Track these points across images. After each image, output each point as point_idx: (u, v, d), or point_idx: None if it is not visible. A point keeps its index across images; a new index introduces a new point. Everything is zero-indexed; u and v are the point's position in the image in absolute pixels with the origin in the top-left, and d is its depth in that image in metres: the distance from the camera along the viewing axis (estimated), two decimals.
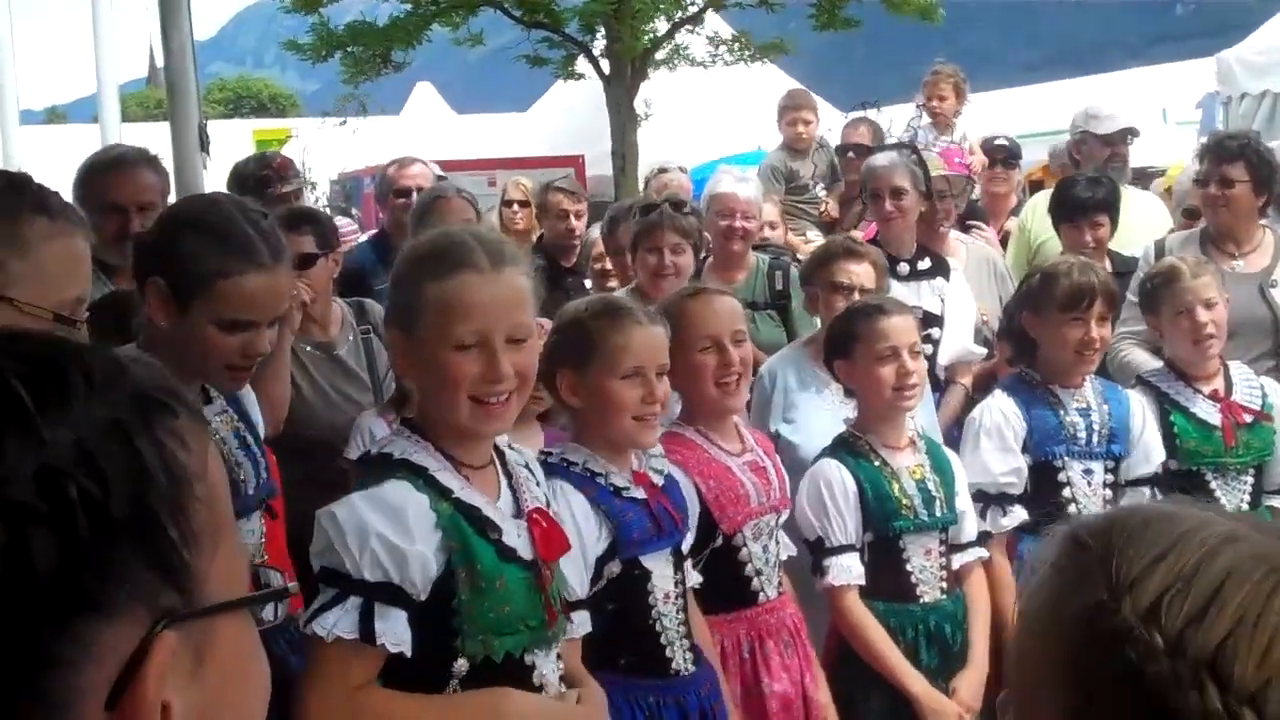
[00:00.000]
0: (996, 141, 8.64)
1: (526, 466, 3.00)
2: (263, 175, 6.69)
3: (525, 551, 2.78)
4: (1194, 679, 1.08)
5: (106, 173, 4.75)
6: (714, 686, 3.58)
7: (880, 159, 6.30)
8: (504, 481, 2.87)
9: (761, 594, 3.95)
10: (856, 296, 5.03)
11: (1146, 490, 4.91)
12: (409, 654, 2.62)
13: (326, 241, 5.21)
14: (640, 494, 3.42)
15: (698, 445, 3.93)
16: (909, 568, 4.32)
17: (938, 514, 4.37)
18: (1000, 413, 4.87)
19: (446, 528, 2.67)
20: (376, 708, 2.65)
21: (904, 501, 4.31)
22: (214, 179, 6.66)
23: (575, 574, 3.12)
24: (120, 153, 5.07)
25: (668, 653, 3.47)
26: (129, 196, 4.60)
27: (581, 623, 3.11)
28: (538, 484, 3.00)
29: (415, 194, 6.70)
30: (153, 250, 3.14)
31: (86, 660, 0.86)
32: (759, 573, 3.96)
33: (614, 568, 3.33)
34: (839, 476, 4.29)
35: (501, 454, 2.92)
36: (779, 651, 3.94)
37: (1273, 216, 6.28)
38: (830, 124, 11.13)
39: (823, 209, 8.90)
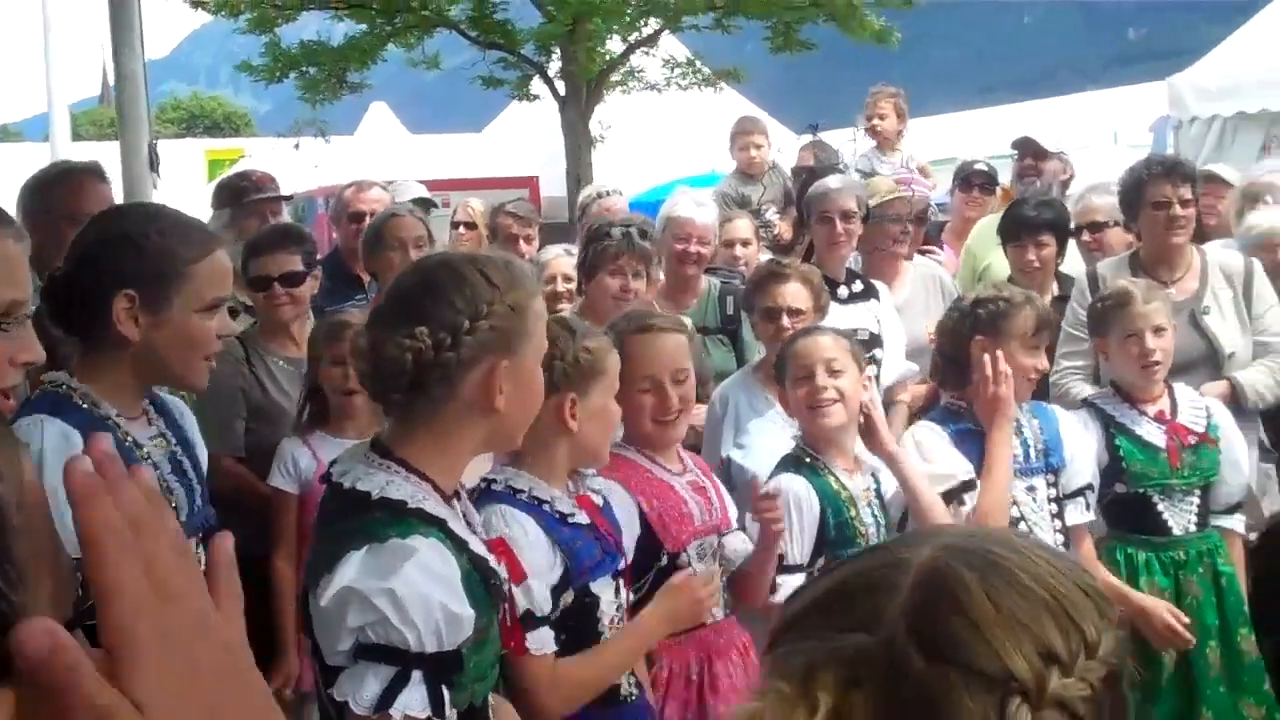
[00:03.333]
0: (975, 165, 8.69)
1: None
2: (240, 186, 6.82)
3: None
4: None
5: (60, 183, 4.78)
6: (654, 714, 3.58)
7: (832, 182, 6.31)
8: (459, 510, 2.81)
9: (709, 615, 3.95)
10: (786, 319, 5.07)
11: (1082, 501, 4.95)
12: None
13: (311, 260, 5.33)
14: (585, 519, 3.41)
15: (640, 465, 3.94)
16: None
17: (884, 538, 4.38)
18: (933, 450, 4.87)
19: (467, 583, 2.58)
20: None
21: (860, 530, 4.33)
22: (164, 198, 6.62)
23: (540, 594, 3.13)
24: (68, 165, 5.12)
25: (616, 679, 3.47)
26: (86, 205, 4.58)
27: (544, 642, 3.10)
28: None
29: (369, 219, 6.73)
30: (103, 266, 3.11)
31: None
32: None
33: (567, 597, 3.30)
34: (806, 495, 4.30)
35: None
36: (727, 672, 3.94)
37: None
38: (786, 147, 11.19)
39: (776, 232, 8.94)
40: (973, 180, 8.57)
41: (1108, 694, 1.19)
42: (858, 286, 6.13)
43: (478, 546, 2.69)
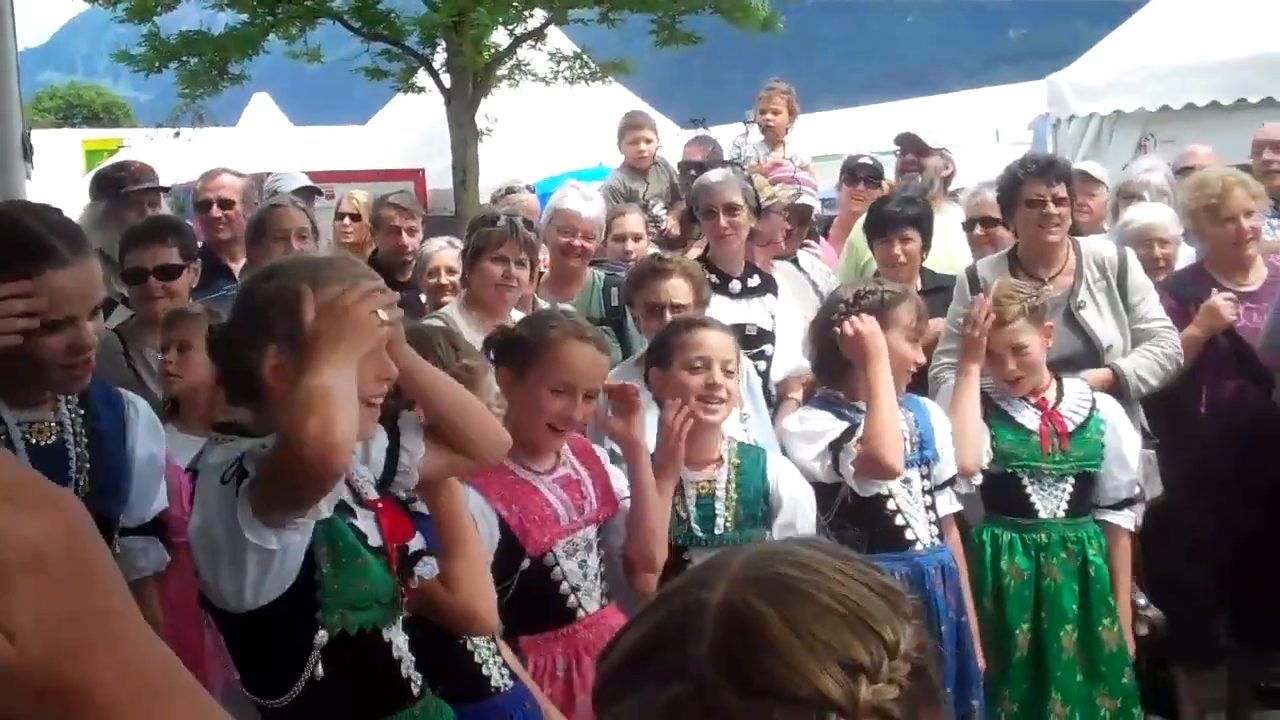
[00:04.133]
0: (860, 160, 8.77)
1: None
2: (118, 176, 6.72)
3: (374, 538, 2.89)
4: None
5: None
6: (534, 703, 3.58)
7: (713, 175, 6.35)
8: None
9: (580, 610, 3.95)
10: (669, 314, 5.11)
11: (950, 492, 5.09)
12: None
13: (189, 252, 5.26)
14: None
15: (501, 468, 3.89)
16: None
17: (719, 532, 4.42)
18: (811, 419, 4.98)
19: None
20: None
21: (681, 515, 4.37)
22: (37, 189, 6.49)
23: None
24: None
25: (484, 670, 3.47)
26: None
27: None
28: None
29: (215, 206, 6.69)
30: None
31: None
32: (576, 589, 3.96)
33: None
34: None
35: None
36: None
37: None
38: (671, 142, 11.23)
39: (664, 227, 8.98)
40: (858, 174, 8.66)
41: (916, 685, 1.24)
42: (754, 281, 6.16)
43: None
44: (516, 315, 5.33)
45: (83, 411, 3.35)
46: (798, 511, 4.62)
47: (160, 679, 1.01)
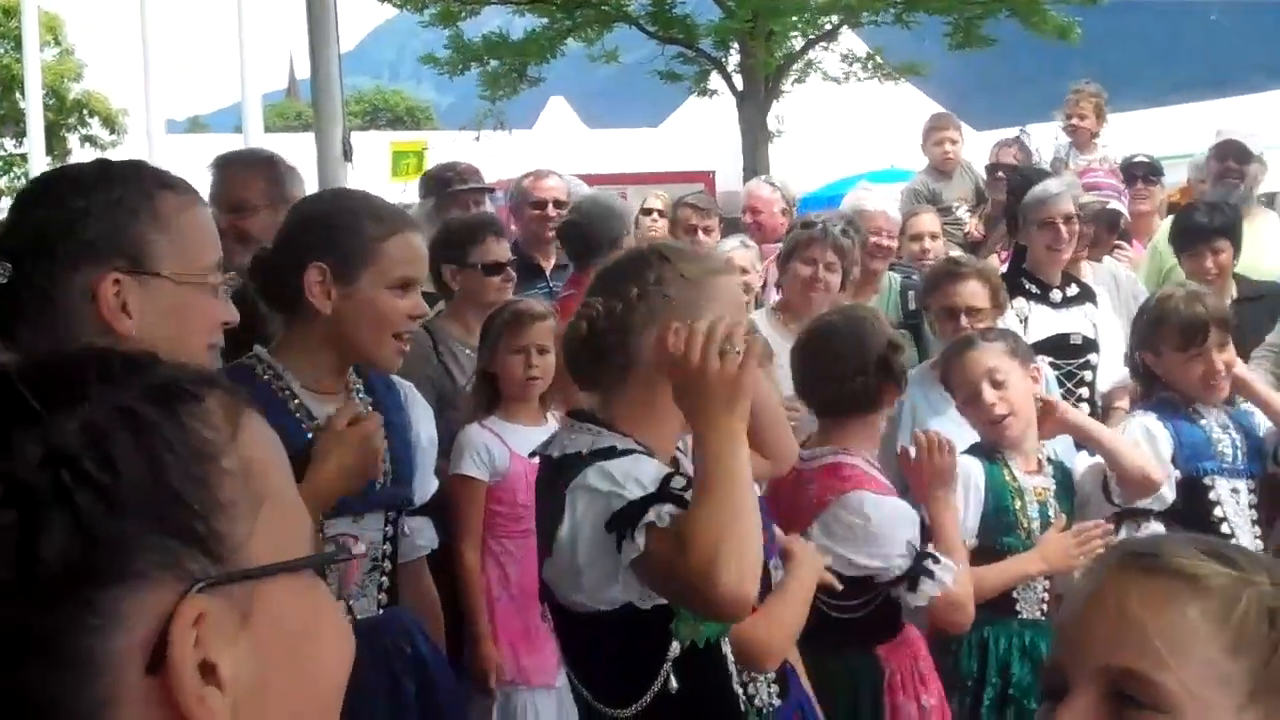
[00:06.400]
0: (1136, 159, 8.47)
1: None
2: (447, 176, 6.93)
3: None
4: None
5: (230, 170, 4.78)
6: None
7: (1052, 186, 6.08)
8: None
9: None
10: (964, 319, 5.00)
11: None
12: None
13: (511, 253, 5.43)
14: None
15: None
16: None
17: None
18: (1144, 429, 4.77)
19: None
20: None
21: (1022, 521, 4.26)
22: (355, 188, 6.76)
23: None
24: (235, 152, 5.15)
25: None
26: (221, 195, 4.63)
27: None
28: None
29: (551, 206, 6.79)
30: (300, 241, 3.19)
31: (112, 626, 0.91)
32: None
33: None
34: (974, 473, 4.27)
35: None
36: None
37: None
38: (968, 144, 11.02)
39: (968, 230, 8.81)
40: (1136, 173, 8.35)
41: None
42: (1073, 290, 5.98)
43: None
44: None
45: (370, 398, 3.43)
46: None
47: None
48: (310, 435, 3.12)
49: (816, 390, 4.03)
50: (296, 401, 3.20)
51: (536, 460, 2.93)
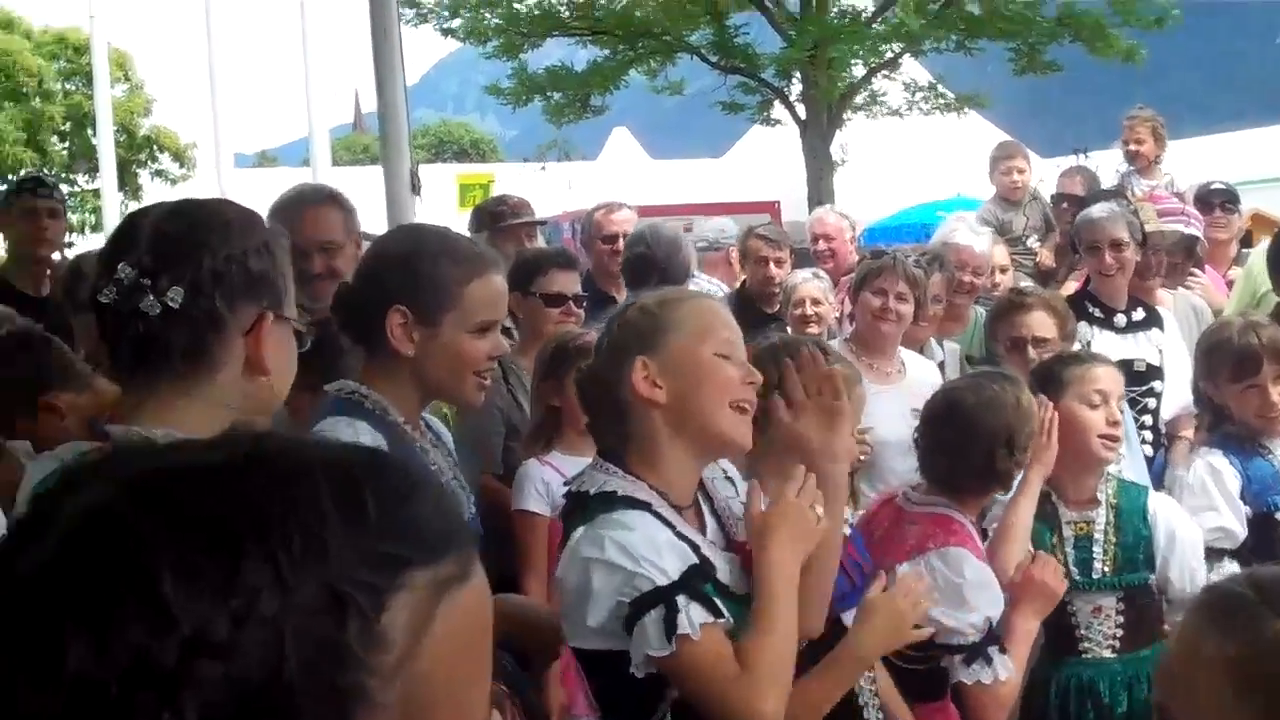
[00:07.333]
0: (1213, 186, 8.35)
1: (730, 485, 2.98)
2: (498, 210, 6.93)
3: (738, 586, 2.73)
4: None
5: (306, 208, 4.77)
6: None
7: (1098, 210, 6.08)
8: (706, 511, 2.86)
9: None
10: (1032, 349, 4.94)
11: None
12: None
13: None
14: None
15: None
16: (1074, 621, 4.18)
17: (1096, 576, 4.21)
18: (1210, 467, 4.68)
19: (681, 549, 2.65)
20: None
21: (1058, 557, 4.18)
22: (424, 222, 6.78)
23: None
24: (299, 191, 5.13)
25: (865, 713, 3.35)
26: (327, 232, 4.65)
27: None
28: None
29: (620, 240, 6.77)
30: (382, 283, 3.21)
31: None
32: None
33: None
34: None
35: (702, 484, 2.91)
36: None
37: None
38: (1034, 172, 10.94)
39: (1038, 259, 8.72)
40: (1213, 200, 8.23)
41: None
42: (1139, 315, 5.90)
43: (690, 534, 2.70)
44: (905, 355, 5.28)
45: (430, 433, 3.45)
46: (1186, 556, 4.37)
47: None
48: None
49: (935, 461, 3.98)
50: (409, 436, 3.22)
51: None
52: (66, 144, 30.59)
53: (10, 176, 26.04)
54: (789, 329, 6.74)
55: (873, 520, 3.81)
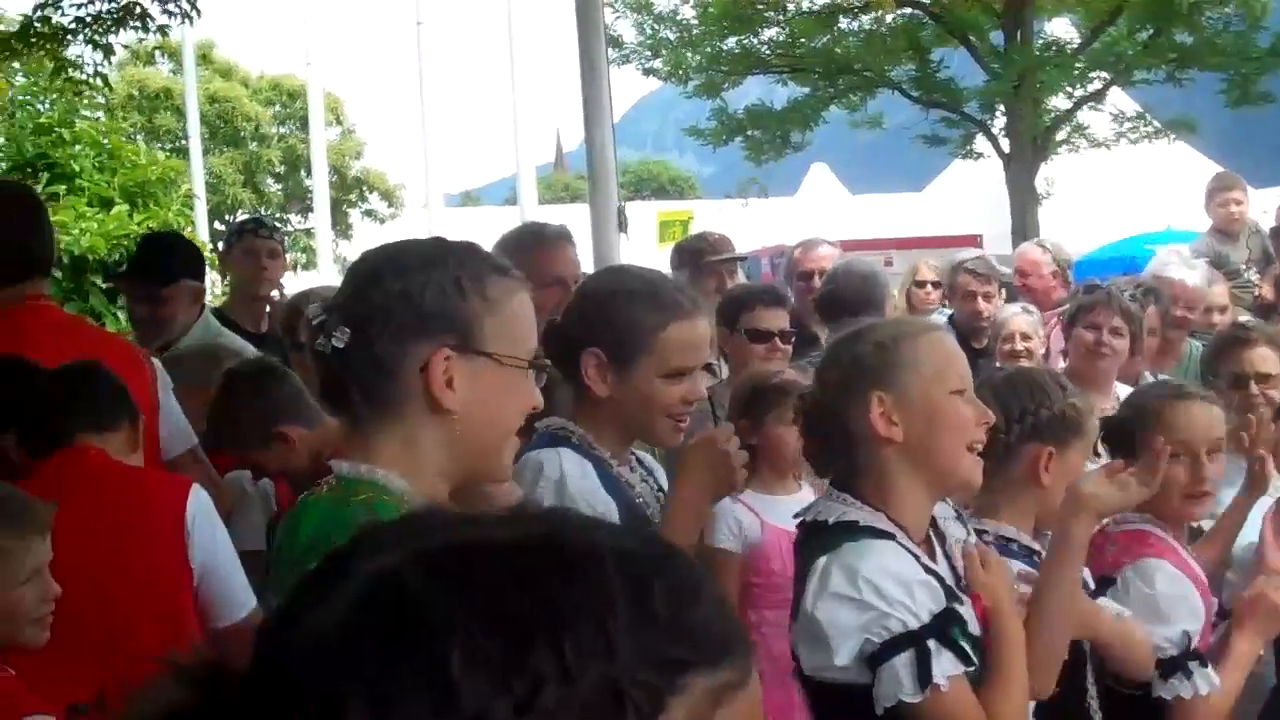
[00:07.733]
0: None
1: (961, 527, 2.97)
2: (699, 247, 6.97)
3: (973, 626, 2.73)
4: None
5: (545, 247, 4.90)
6: None
7: None
8: (938, 550, 2.84)
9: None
10: (1254, 385, 4.78)
11: None
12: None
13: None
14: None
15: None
16: None
17: None
18: None
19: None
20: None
21: None
22: (624, 258, 6.88)
23: None
24: (546, 228, 5.27)
25: None
26: (570, 269, 4.78)
27: None
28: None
29: (818, 277, 6.77)
30: (582, 324, 3.27)
31: None
32: None
33: None
34: None
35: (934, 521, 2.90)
36: None
37: None
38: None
39: (1258, 294, 8.47)
40: None
41: None
42: None
43: (938, 569, 2.71)
44: (1121, 390, 5.18)
45: (640, 467, 3.48)
46: None
47: None
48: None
49: None
50: (615, 469, 3.27)
51: (792, 529, 2.95)
52: (281, 185, 31.80)
53: (229, 217, 27.19)
54: (997, 364, 6.67)
55: None
